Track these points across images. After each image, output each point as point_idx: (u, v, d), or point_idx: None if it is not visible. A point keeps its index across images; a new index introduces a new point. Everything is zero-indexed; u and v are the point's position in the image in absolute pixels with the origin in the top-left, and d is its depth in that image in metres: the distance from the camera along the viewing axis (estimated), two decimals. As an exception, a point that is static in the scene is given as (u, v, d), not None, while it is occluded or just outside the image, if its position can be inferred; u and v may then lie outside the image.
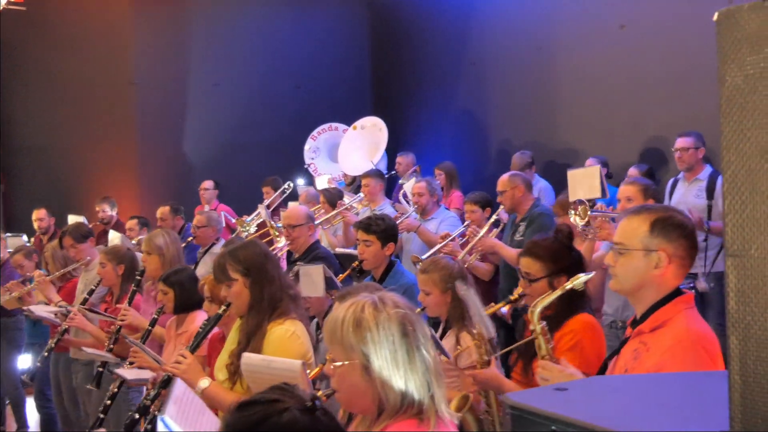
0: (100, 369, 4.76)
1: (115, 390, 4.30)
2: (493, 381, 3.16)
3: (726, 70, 1.14)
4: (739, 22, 1.12)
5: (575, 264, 3.27)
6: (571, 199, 4.44)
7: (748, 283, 1.13)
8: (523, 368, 3.22)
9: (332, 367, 2.00)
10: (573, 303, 3.09)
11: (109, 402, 4.25)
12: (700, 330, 2.29)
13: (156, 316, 4.46)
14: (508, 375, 3.36)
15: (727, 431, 1.18)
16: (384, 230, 4.52)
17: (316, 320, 4.30)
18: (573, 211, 4.30)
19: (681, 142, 5.91)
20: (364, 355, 1.94)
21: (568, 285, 2.69)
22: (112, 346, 4.72)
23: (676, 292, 2.33)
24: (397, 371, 1.94)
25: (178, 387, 2.25)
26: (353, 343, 1.95)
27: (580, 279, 2.65)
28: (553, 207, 5.18)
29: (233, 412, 1.65)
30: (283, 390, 1.70)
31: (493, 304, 3.47)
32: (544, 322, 2.76)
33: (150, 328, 4.45)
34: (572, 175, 4.51)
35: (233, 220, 7.93)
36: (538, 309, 2.76)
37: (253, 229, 7.57)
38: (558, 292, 2.77)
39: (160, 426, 2.03)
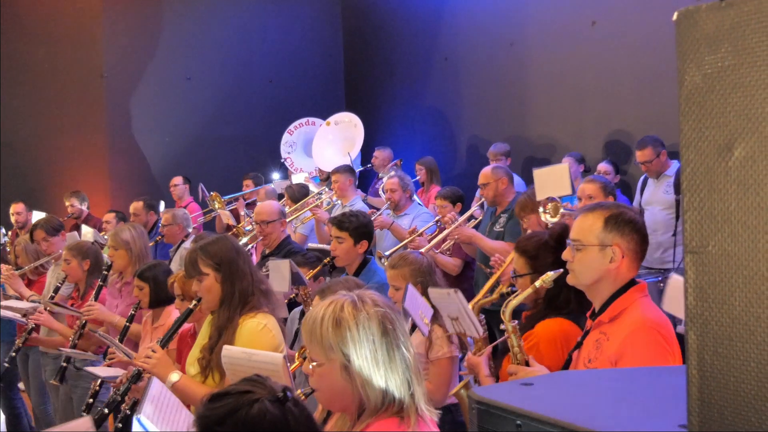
0: (64, 364, 4.73)
1: (97, 388, 4.27)
2: (476, 368, 3.20)
3: (685, 70, 1.15)
4: (697, 22, 1.14)
5: (562, 263, 3.16)
6: (539, 197, 4.45)
7: (705, 279, 1.15)
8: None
9: (311, 366, 2.00)
10: (551, 305, 3.09)
11: (91, 400, 4.22)
12: (655, 317, 2.42)
13: (133, 312, 4.46)
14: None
15: (685, 425, 1.20)
16: (356, 227, 4.46)
17: (301, 308, 4.30)
18: (543, 209, 4.32)
19: (641, 156, 5.97)
20: (344, 355, 1.94)
21: (538, 283, 2.71)
22: (76, 341, 4.71)
23: (631, 283, 2.47)
24: (377, 370, 1.94)
25: (155, 386, 2.23)
26: (333, 343, 1.95)
27: (548, 276, 2.66)
28: (515, 209, 5.15)
29: (206, 403, 1.65)
30: (254, 382, 1.70)
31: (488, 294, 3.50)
32: (516, 321, 2.78)
33: (128, 324, 4.45)
34: (538, 174, 4.50)
35: (209, 195, 7.88)
36: (510, 308, 2.79)
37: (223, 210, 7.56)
38: (528, 291, 2.80)
39: (135, 426, 2.02)
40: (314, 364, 1.98)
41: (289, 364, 2.83)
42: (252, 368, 2.63)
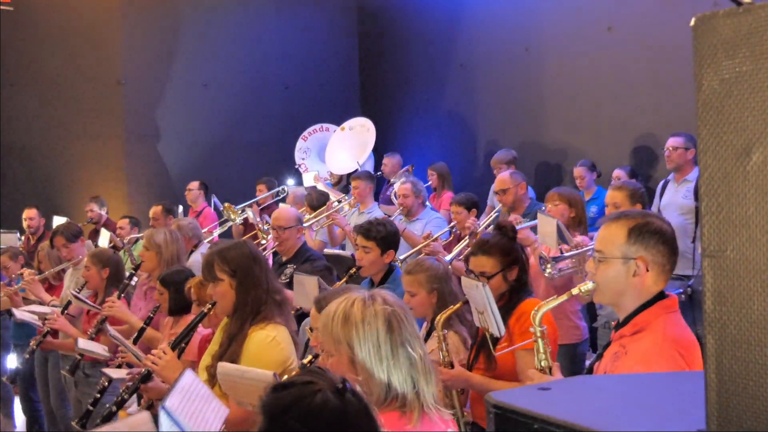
0: (78, 357, 4.75)
1: (105, 384, 4.30)
2: (460, 378, 3.22)
3: (703, 75, 1.16)
4: (715, 27, 1.14)
5: (521, 253, 3.45)
6: (540, 241, 4.45)
7: (724, 283, 1.15)
8: (486, 359, 3.28)
9: (324, 358, 2.10)
10: (520, 291, 3.36)
11: (98, 395, 4.25)
12: (677, 334, 2.29)
13: (151, 315, 4.45)
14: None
15: (704, 429, 1.20)
16: (384, 237, 4.32)
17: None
18: (546, 266, 4.25)
19: (672, 142, 5.98)
20: (350, 348, 2.04)
21: (575, 291, 2.55)
22: (94, 336, 4.72)
23: (659, 296, 2.33)
24: (380, 365, 2.02)
25: (187, 377, 2.24)
26: (340, 337, 2.06)
27: (588, 285, 2.50)
28: (549, 195, 5.18)
29: (269, 393, 1.69)
30: (315, 372, 1.75)
31: (451, 305, 3.49)
32: (545, 327, 2.71)
33: (144, 326, 4.44)
34: (541, 217, 4.46)
35: (222, 206, 7.92)
36: (540, 313, 2.68)
37: (239, 220, 7.58)
38: (563, 297, 2.68)
39: (162, 416, 2.03)
40: (325, 355, 2.09)
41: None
42: (245, 384, 2.66)
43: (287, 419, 1.64)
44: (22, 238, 8.29)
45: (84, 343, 4.57)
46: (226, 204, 7.73)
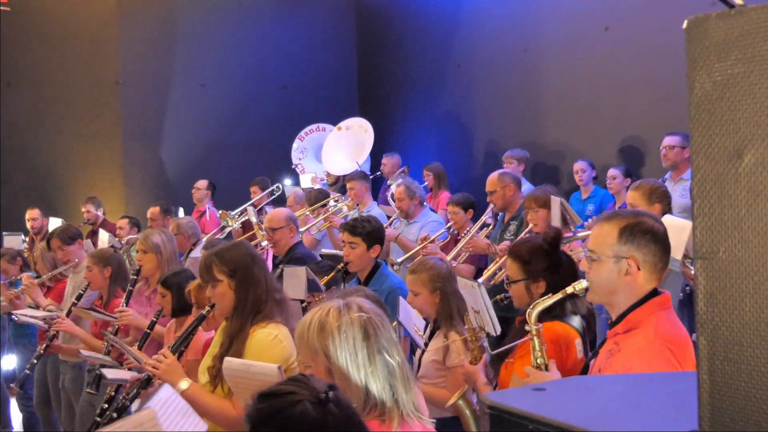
0: (98, 372, 4.64)
1: (113, 393, 4.28)
2: (471, 377, 3.20)
3: (695, 77, 1.16)
4: (707, 29, 1.14)
5: (556, 268, 3.19)
6: (553, 223, 4.49)
7: (716, 285, 1.15)
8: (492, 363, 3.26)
9: (302, 370, 2.09)
10: (546, 309, 2.84)
11: (106, 405, 4.23)
12: (668, 332, 2.31)
13: (155, 319, 4.42)
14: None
15: (697, 430, 1.20)
16: (370, 232, 4.45)
17: None
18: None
19: (668, 141, 6.01)
20: (327, 357, 2.03)
21: (569, 289, 2.57)
22: (111, 348, 4.65)
23: (652, 294, 2.36)
24: (357, 373, 2.01)
25: (164, 390, 2.24)
26: (317, 346, 2.04)
27: (582, 284, 2.51)
28: (526, 201, 5.16)
29: (254, 402, 1.70)
30: (298, 381, 1.73)
31: (454, 305, 3.48)
32: (540, 324, 2.72)
33: (149, 331, 4.41)
34: (553, 199, 4.56)
35: (218, 213, 7.92)
36: (537, 311, 2.69)
37: (237, 224, 7.58)
38: (558, 296, 2.69)
39: None
40: (304, 366, 2.07)
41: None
42: (250, 379, 2.65)
43: (266, 431, 1.64)
44: (26, 239, 8.28)
45: (109, 372, 4.48)
46: (222, 211, 7.73)
